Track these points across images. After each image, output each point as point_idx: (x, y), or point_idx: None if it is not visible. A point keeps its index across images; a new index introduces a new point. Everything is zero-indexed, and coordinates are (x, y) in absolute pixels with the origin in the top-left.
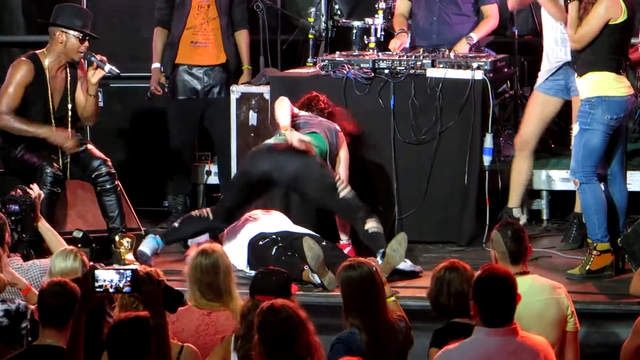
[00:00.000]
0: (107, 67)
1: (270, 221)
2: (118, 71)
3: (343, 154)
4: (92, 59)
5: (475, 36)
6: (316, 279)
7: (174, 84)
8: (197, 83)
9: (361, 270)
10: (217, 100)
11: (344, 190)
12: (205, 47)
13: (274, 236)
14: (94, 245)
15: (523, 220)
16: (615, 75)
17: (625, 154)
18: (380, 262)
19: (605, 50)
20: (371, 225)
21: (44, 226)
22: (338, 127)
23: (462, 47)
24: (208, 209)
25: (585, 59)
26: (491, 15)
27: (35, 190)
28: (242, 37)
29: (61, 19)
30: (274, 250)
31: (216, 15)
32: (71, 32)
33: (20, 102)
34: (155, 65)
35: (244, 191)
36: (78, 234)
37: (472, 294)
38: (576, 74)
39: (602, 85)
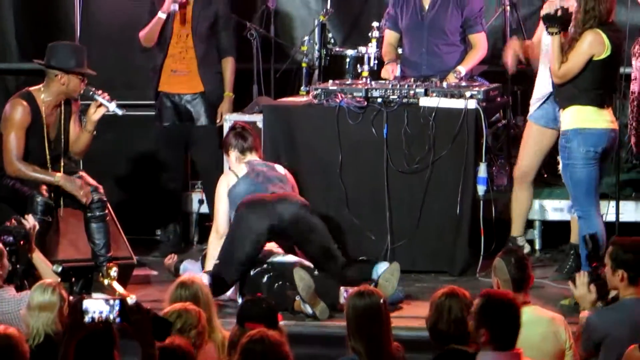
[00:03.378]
0: (112, 105)
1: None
2: (122, 111)
3: None
4: (96, 96)
5: (463, 69)
6: (308, 309)
7: (159, 110)
8: (179, 110)
9: (369, 300)
10: (200, 128)
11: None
12: (184, 75)
13: (265, 265)
14: (73, 280)
15: (527, 248)
16: (596, 109)
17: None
18: None
19: (588, 85)
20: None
21: (38, 258)
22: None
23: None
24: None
25: (568, 92)
26: (479, 45)
27: (30, 221)
28: (227, 65)
29: (59, 61)
30: (265, 279)
31: (192, 44)
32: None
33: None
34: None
35: (253, 246)
36: (57, 269)
37: (480, 319)
38: (559, 107)
39: (580, 117)
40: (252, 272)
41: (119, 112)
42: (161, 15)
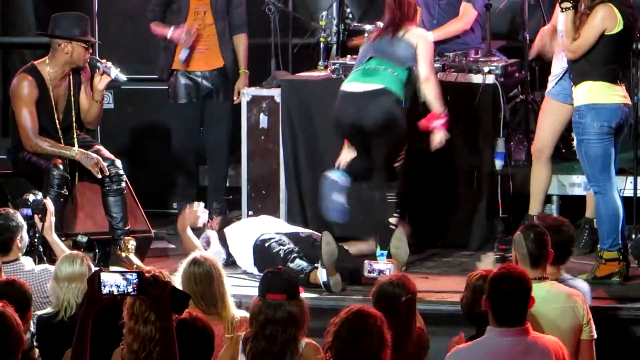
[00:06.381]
0: (114, 72)
1: (267, 224)
2: (125, 77)
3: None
4: (99, 64)
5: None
6: (323, 275)
7: (173, 88)
8: (196, 87)
9: (396, 287)
10: (215, 104)
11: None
12: (202, 53)
13: (277, 237)
14: (97, 250)
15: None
16: (608, 84)
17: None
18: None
19: (600, 60)
20: (394, 221)
21: (54, 240)
22: None
23: None
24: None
25: (580, 68)
26: (461, 15)
27: (49, 205)
28: (241, 41)
29: (62, 30)
30: (280, 251)
31: (212, 21)
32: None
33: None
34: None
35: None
36: (83, 239)
37: (487, 291)
38: (572, 83)
39: (592, 93)
40: (266, 245)
41: (121, 78)
42: (169, 36)
